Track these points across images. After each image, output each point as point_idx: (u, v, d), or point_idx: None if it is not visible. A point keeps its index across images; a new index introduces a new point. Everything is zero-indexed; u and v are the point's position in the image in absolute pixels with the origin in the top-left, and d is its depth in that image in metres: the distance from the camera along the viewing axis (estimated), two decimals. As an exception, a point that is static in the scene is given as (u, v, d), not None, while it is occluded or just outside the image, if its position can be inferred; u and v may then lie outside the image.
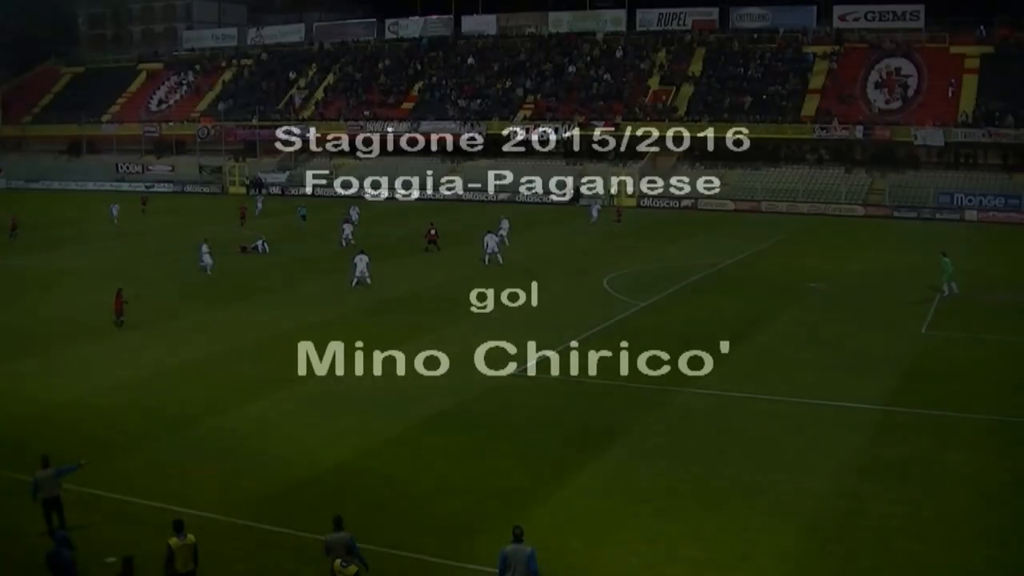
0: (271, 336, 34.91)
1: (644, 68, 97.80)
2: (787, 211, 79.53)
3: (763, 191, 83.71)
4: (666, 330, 36.03)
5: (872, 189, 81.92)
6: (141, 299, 41.81)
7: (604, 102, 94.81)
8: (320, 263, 51.47)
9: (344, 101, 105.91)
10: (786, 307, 40.57)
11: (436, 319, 37.89)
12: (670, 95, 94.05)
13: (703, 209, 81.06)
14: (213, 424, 25.33)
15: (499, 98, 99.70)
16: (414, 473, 21.98)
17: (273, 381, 29.19)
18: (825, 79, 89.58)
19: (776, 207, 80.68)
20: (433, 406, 26.80)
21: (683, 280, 46.12)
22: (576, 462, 22.61)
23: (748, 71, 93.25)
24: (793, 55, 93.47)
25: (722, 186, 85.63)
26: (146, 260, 52.93)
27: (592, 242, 59.76)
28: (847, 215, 77.94)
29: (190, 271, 48.88)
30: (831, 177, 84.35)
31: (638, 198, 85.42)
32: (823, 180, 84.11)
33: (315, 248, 56.73)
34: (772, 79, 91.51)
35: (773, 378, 29.70)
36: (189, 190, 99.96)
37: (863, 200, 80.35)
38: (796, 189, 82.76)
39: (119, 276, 47.48)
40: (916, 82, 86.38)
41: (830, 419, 25.87)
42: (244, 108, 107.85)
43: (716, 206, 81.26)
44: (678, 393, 28.04)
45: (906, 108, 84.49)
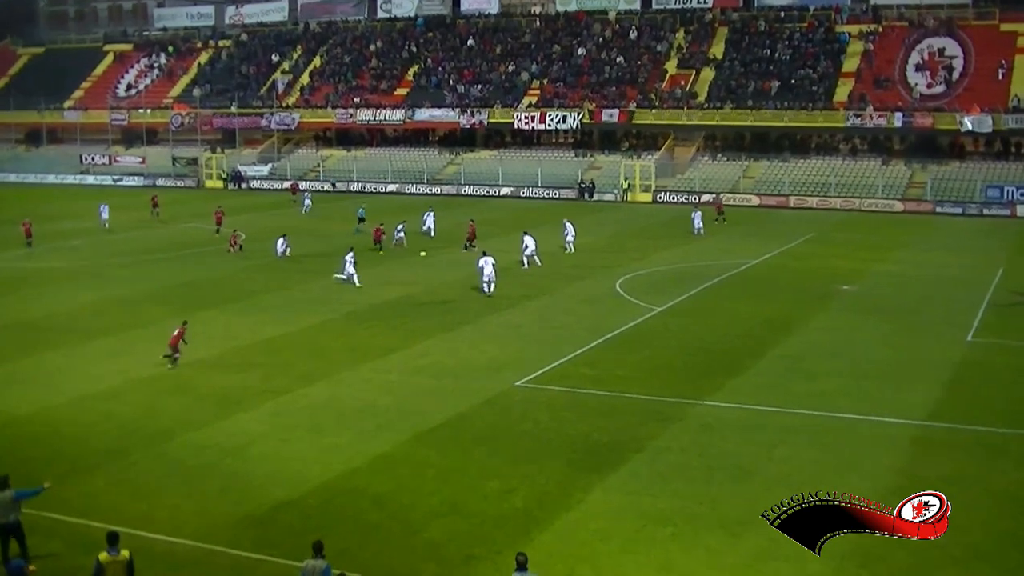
0: (253, 343, 35.00)
1: (661, 50, 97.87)
2: (818, 206, 79.56)
3: (791, 185, 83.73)
4: (683, 337, 36.07)
5: (912, 182, 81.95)
6: (112, 303, 42.00)
7: (617, 88, 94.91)
8: (309, 263, 51.62)
9: (332, 87, 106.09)
10: (816, 312, 40.59)
11: (432, 324, 37.98)
12: (689, 80, 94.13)
13: (726, 204, 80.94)
14: (189, 440, 25.41)
15: (502, 84, 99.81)
16: (407, 494, 22.03)
17: (255, 392, 29.28)
18: (860, 61, 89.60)
19: (805, 202, 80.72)
20: (428, 419, 26.86)
21: (702, 283, 46.16)
22: (585, 482, 22.65)
23: (775, 53, 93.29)
24: (825, 35, 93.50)
25: (746, 179, 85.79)
26: (117, 259, 53.10)
27: (601, 240, 59.82)
28: (884, 211, 77.96)
29: (166, 270, 49.08)
30: (866, 169, 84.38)
31: (654, 192, 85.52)
32: (858, 173, 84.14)
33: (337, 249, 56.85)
34: (801, 62, 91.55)
35: (801, 390, 29.72)
36: (161, 184, 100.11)
37: (902, 194, 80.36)
38: (828, 182, 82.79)
39: (89, 278, 47.68)
40: (962, 64, 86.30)
41: (864, 435, 25.88)
42: (222, 94, 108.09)
43: (739, 201, 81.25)
44: (696, 406, 28.08)
45: (950, 93, 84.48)
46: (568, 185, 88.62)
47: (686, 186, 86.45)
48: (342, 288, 45.02)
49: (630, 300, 42.49)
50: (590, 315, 39.78)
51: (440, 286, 45.71)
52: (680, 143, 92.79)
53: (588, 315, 39.80)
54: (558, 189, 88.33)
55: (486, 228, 61.18)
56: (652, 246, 58.15)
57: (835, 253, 56.13)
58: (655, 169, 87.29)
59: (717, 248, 57.44)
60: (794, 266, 51.54)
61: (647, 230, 66.15)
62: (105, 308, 41.19)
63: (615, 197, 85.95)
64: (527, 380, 30.52)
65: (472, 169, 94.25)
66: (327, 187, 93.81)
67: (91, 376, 31.23)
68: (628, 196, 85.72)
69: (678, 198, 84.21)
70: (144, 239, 61.33)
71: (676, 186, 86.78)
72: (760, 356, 33.37)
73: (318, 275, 48.20)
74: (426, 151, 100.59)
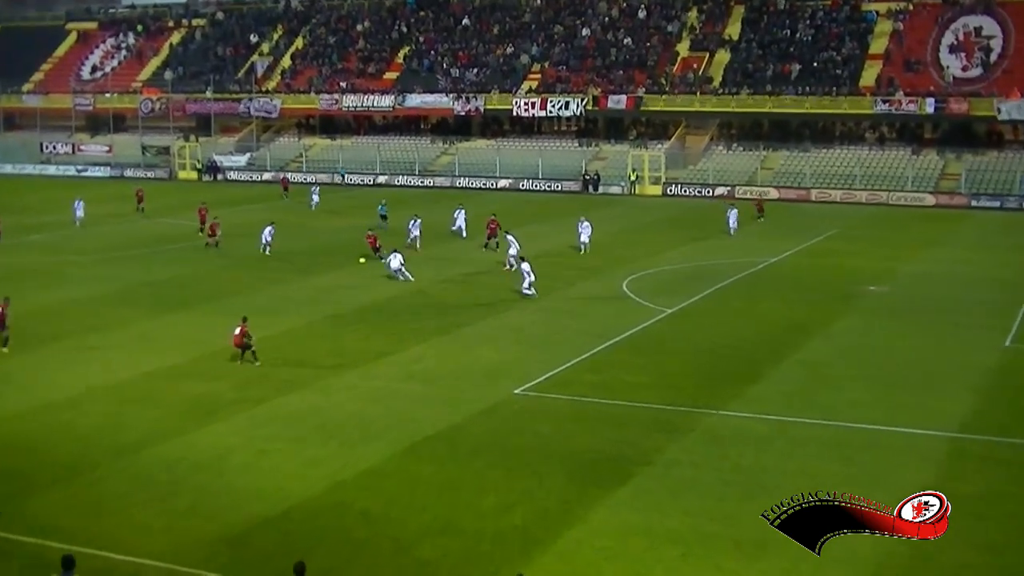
0: (229, 347, 34.98)
1: (672, 31, 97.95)
2: (842, 200, 79.62)
3: (813, 176, 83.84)
4: (696, 341, 36.10)
5: (945, 174, 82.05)
6: (73, 304, 41.98)
7: (624, 72, 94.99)
8: (294, 260, 51.64)
9: (316, 70, 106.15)
10: (839, 314, 40.62)
11: (425, 326, 38.01)
12: (702, 63, 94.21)
13: (741, 198, 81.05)
14: (157, 453, 25.37)
15: (499, 67, 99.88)
16: (398, 510, 22.03)
17: (230, 401, 29.28)
18: (889, 42, 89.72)
19: (828, 195, 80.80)
20: (421, 430, 26.86)
21: (716, 283, 46.19)
22: (589, 498, 22.66)
23: (796, 34, 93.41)
24: (850, 14, 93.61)
25: (764, 171, 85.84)
26: (82, 256, 53.11)
27: (606, 237, 59.83)
28: (914, 205, 78.04)
29: (134, 268, 49.10)
30: (895, 160, 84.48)
31: (664, 185, 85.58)
32: (886, 163, 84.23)
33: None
34: (825, 43, 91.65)
35: (823, 399, 29.75)
36: (130, 175, 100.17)
37: (934, 187, 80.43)
38: (853, 174, 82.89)
39: (49, 276, 47.66)
40: (1000, 44, 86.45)
41: (891, 448, 25.90)
42: (196, 77, 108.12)
43: (756, 194, 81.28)
44: (709, 416, 28.10)
45: (988, 76, 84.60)
46: (571, 177, 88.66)
47: (699, 178, 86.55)
48: (326, 288, 45.04)
49: (638, 301, 42.50)
50: (595, 317, 39.79)
51: (434, 286, 45.72)
52: (692, 132, 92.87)
53: (593, 317, 39.81)
54: (560, 181, 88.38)
55: (480, 224, 61.18)
56: (662, 243, 58.19)
57: (861, 251, 56.16)
58: (665, 160, 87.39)
59: (732, 246, 57.46)
60: (816, 265, 51.57)
61: (656, 226, 66.18)
62: (65, 309, 41.14)
63: (622, 190, 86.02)
64: (527, 387, 30.53)
65: (467, 160, 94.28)
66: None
67: (50, 384, 31.17)
68: (636, 189, 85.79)
69: (690, 191, 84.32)
70: (112, 235, 61.32)
71: (688, 178, 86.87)
72: (779, 362, 33.38)
73: (302, 274, 48.18)
74: (417, 140, 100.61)
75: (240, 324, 33.10)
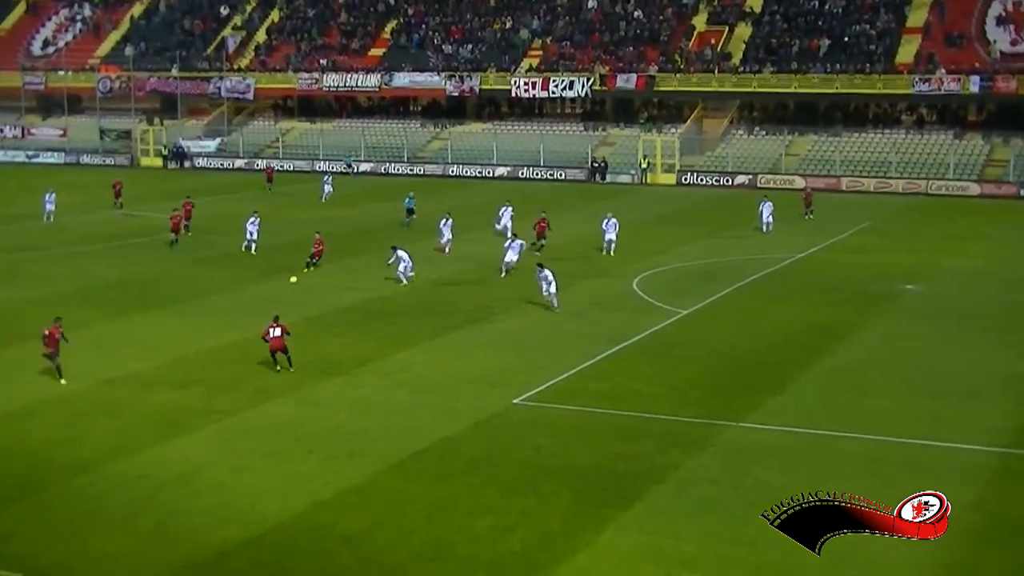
0: (198, 353, 35.00)
1: (687, 3, 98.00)
2: (875, 189, 79.68)
3: (843, 164, 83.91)
4: (713, 346, 36.10)
5: (991, 160, 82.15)
6: (25, 304, 41.96)
7: (634, 48, 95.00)
8: (273, 257, 51.65)
9: (293, 46, 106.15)
10: (872, 316, 40.64)
11: (414, 329, 38.02)
12: (721, 38, 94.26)
13: (764, 188, 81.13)
14: (118, 470, 25.34)
15: (497, 43, 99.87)
16: (384, 533, 22.02)
17: (199, 412, 29.27)
18: (929, 14, 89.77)
19: (860, 184, 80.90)
20: (409, 444, 26.85)
21: (735, 281, 46.19)
22: (595, 519, 22.65)
23: (825, 5, 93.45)
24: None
25: (788, 157, 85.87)
26: (37, 251, 53.11)
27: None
28: (956, 194, 78.11)
29: (95, 265, 49.07)
30: (935, 144, 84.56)
31: (678, 173, 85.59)
32: (924, 148, 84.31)
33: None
34: (857, 15, 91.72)
35: (854, 409, 29.75)
36: (87, 161, 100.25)
37: (978, 174, 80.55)
38: (888, 161, 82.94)
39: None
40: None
41: (931, 464, 25.87)
42: (160, 54, 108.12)
43: (781, 183, 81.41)
44: (729, 429, 28.11)
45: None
46: (576, 164, 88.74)
47: (717, 165, 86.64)
48: (306, 287, 45.02)
49: (650, 302, 42.52)
50: (602, 320, 39.80)
51: (424, 285, 45.73)
52: (710, 114, 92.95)
53: (599, 320, 39.82)
54: (564, 169, 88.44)
55: (475, 217, 61.28)
56: (676, 238, 58.18)
57: (896, 246, 56.20)
58: (680, 146, 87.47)
59: (753, 241, 57.50)
60: (846, 261, 51.58)
61: (670, 218, 66.19)
62: (17, 310, 41.14)
63: (632, 179, 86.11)
64: (527, 397, 30.52)
65: (461, 145, 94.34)
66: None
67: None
68: (647, 178, 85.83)
69: (707, 180, 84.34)
70: (72, 227, 61.28)
71: (705, 166, 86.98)
72: (805, 369, 33.39)
73: (281, 272, 48.11)
74: (406, 124, 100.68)
75: (273, 324, 32.88)
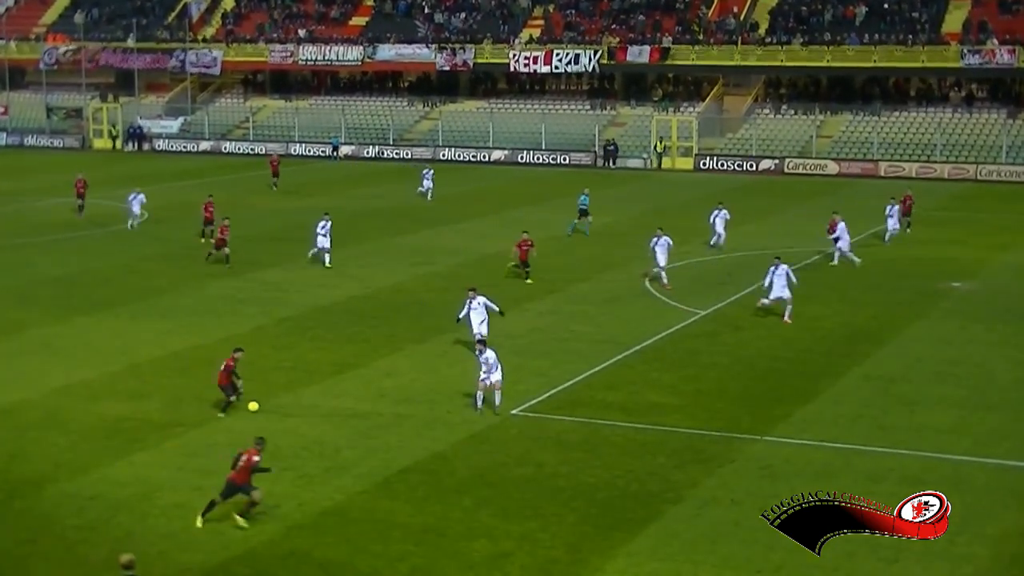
0: (155, 359, 34.95)
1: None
2: (918, 175, 79.59)
3: (882, 146, 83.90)
4: (736, 350, 36.09)
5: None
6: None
7: (648, 16, 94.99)
8: (241, 250, 51.57)
9: (265, 14, 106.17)
10: (916, 317, 40.60)
11: (399, 332, 38.03)
12: (745, 5, 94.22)
13: (792, 173, 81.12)
14: (65, 490, 25.30)
15: (493, 11, 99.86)
16: (367, 559, 22.01)
17: (158, 425, 29.22)
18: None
19: (901, 169, 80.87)
20: (395, 461, 26.85)
21: (760, 278, 46.08)
22: (604, 544, 22.64)
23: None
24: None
25: (821, 139, 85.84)
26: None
27: (624, 222, 59.82)
28: (1010, 180, 78.14)
29: (37, 260, 49.03)
30: (987, 124, 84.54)
31: (696, 157, 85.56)
32: (974, 129, 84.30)
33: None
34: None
35: (895, 422, 29.73)
36: (31, 143, 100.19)
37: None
38: (932, 143, 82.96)
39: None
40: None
41: (982, 485, 25.85)
42: (113, 22, 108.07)
43: (812, 168, 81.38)
44: (754, 443, 28.09)
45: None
46: (582, 147, 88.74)
47: (740, 148, 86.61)
48: (277, 284, 44.98)
49: (665, 301, 42.50)
50: (611, 321, 39.79)
51: (410, 282, 45.71)
52: (732, 91, 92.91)
53: (608, 321, 39.81)
54: (568, 153, 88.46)
55: (475, 206, 61.27)
56: (694, 229, 58.05)
57: (942, 238, 56.17)
58: (698, 126, 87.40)
59: (780, 231, 57.45)
60: (886, 256, 51.53)
61: (687, 207, 66.01)
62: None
63: (644, 163, 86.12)
64: (526, 407, 30.49)
65: (453, 126, 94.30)
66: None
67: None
68: (662, 162, 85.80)
69: (729, 164, 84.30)
70: (11, 217, 61.30)
71: (727, 148, 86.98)
72: (840, 376, 33.36)
73: (247, 267, 48.03)
74: (392, 102, 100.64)
75: (229, 358, 30.44)
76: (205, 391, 31.67)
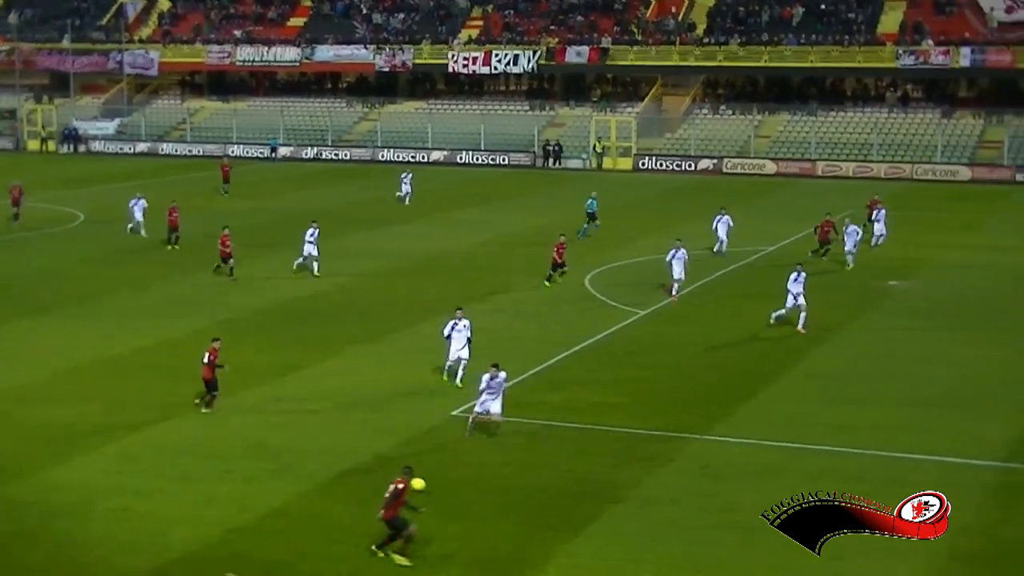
0: (95, 362, 34.68)
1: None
2: (855, 174, 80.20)
3: (820, 146, 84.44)
4: (677, 350, 36.22)
5: (983, 141, 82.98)
6: None
7: (586, 17, 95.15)
8: (185, 251, 51.37)
9: (202, 14, 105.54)
10: (855, 316, 40.90)
11: (344, 333, 37.95)
12: (683, 6, 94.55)
13: (731, 173, 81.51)
14: (3, 496, 25.03)
15: (432, 11, 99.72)
16: (309, 562, 21.93)
17: (97, 429, 28.97)
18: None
19: (838, 168, 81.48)
20: (337, 462, 26.78)
21: (700, 277, 46.29)
22: (545, 544, 22.67)
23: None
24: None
25: (759, 139, 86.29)
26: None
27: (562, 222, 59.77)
28: (945, 180, 78.87)
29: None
30: (922, 124, 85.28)
31: (635, 157, 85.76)
32: (910, 129, 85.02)
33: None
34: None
35: (836, 420, 29.91)
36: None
37: (970, 157, 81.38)
38: (869, 143, 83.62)
39: None
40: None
41: (920, 481, 25.76)
42: (47, 23, 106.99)
43: (750, 168, 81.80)
44: (695, 442, 28.20)
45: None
46: (521, 147, 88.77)
47: (678, 148, 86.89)
48: (218, 286, 44.77)
49: (605, 301, 42.60)
50: (552, 322, 39.85)
51: (356, 281, 45.60)
52: (671, 92, 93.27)
53: (549, 322, 39.87)
54: (507, 153, 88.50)
55: (411, 207, 61.12)
56: (632, 230, 58.29)
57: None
58: (637, 126, 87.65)
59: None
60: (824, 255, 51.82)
61: (626, 208, 66.21)
62: None
63: (583, 164, 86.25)
64: (468, 409, 30.37)
65: (392, 127, 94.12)
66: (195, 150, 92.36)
67: None
68: (601, 162, 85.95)
69: (668, 164, 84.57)
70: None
71: (665, 149, 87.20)
72: (780, 374, 33.57)
73: (188, 268, 47.76)
74: (330, 103, 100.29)
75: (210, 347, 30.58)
76: (145, 394, 31.54)
